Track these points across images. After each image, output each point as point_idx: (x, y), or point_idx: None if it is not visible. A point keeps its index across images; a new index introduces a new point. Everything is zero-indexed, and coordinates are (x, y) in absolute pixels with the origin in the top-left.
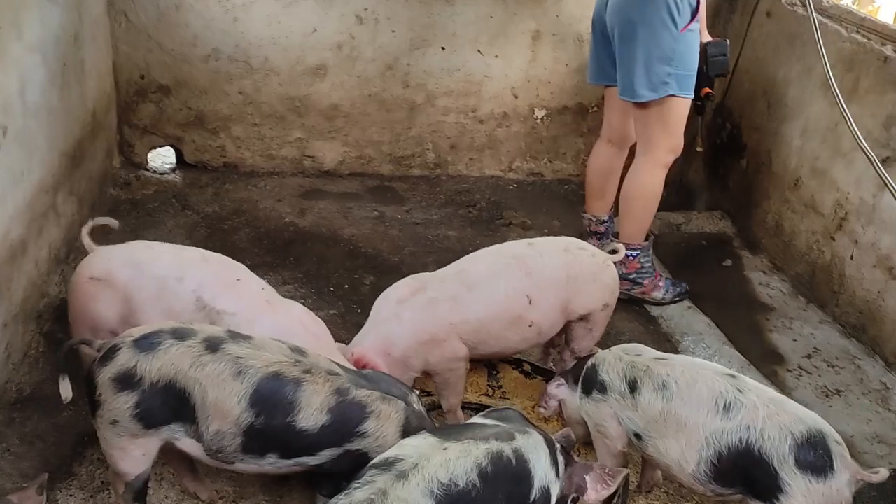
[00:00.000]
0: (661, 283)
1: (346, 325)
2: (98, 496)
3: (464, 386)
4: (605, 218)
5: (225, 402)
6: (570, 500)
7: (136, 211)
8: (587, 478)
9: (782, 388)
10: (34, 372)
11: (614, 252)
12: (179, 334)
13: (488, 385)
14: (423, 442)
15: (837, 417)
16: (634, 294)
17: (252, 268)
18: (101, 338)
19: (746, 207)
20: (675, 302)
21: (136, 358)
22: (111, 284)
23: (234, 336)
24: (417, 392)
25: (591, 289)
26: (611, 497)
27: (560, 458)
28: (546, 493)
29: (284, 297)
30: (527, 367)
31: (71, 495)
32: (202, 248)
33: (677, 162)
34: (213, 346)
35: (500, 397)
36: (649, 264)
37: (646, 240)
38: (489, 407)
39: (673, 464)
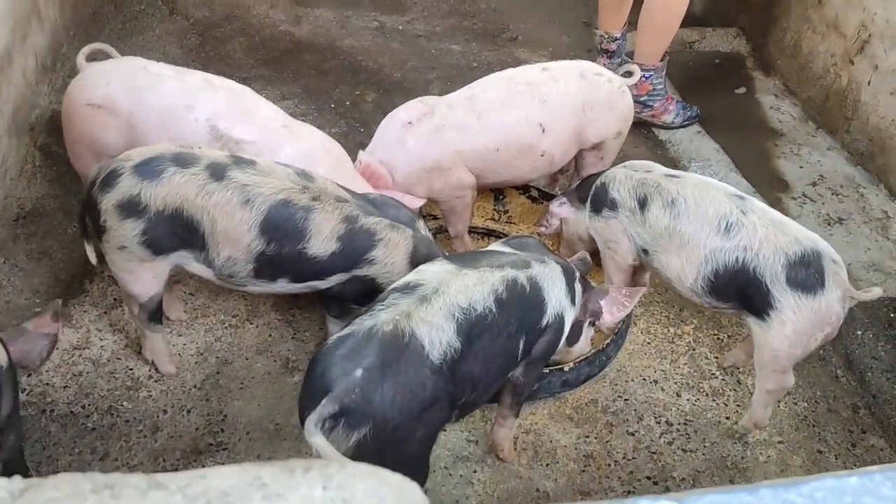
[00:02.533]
0: (671, 107)
1: (348, 144)
2: (112, 312)
3: (470, 213)
4: (618, 35)
5: (235, 230)
6: (586, 326)
7: (122, 14)
8: (603, 302)
9: (785, 215)
10: (33, 187)
11: (629, 74)
12: (181, 160)
13: (494, 210)
14: (441, 268)
15: (837, 245)
16: (644, 117)
17: (249, 80)
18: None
19: (764, 25)
20: (684, 126)
21: (140, 185)
22: (113, 112)
23: (239, 161)
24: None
25: (606, 117)
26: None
27: (577, 287)
28: (559, 319)
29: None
30: (534, 193)
31: (85, 311)
32: (194, 57)
33: None
34: (217, 173)
35: (507, 222)
36: (661, 86)
37: (661, 60)
38: (495, 232)
39: (674, 277)
